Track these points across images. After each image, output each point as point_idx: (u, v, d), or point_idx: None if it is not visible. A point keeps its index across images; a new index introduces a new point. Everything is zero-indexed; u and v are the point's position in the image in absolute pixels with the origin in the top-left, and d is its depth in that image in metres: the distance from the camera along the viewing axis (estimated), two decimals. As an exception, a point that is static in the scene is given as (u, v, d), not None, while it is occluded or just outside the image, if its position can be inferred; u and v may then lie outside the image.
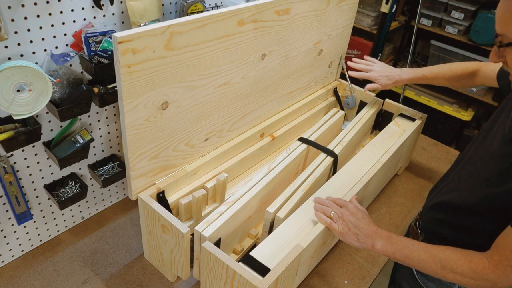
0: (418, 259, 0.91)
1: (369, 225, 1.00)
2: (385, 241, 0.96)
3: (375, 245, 0.96)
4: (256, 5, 1.13)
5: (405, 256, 0.93)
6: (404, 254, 0.93)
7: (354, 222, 1.00)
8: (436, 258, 0.89)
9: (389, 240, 0.96)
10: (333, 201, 1.07)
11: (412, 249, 0.92)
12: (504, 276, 0.80)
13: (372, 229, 0.99)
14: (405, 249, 0.93)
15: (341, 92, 1.83)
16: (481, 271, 0.83)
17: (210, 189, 1.20)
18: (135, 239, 1.28)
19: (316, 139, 1.42)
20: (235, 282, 0.92)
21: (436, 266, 0.88)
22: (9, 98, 0.91)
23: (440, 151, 1.82)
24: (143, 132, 1.01)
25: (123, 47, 0.85)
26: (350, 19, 1.66)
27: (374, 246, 0.96)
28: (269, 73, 1.35)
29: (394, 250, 0.94)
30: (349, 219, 1.01)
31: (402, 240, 0.95)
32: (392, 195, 1.53)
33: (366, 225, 1.00)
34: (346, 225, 1.00)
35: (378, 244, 0.96)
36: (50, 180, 1.18)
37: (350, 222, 1.00)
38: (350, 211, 1.03)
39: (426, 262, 0.90)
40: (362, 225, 1.00)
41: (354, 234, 0.99)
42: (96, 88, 1.05)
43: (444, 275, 0.88)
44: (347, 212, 1.03)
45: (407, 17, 3.16)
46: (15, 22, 0.92)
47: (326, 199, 1.09)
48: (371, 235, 0.98)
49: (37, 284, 1.12)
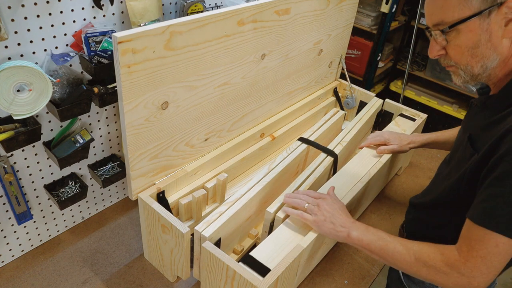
0: (393, 250, 0.89)
1: (347, 216, 0.99)
2: (361, 231, 0.95)
3: (351, 234, 0.95)
4: (256, 5, 1.13)
5: (380, 247, 0.91)
6: (379, 245, 0.91)
7: (330, 211, 0.99)
8: (410, 250, 0.87)
9: (365, 230, 0.95)
10: (307, 194, 1.06)
11: (388, 241, 0.91)
12: (476, 270, 0.78)
13: (349, 220, 0.98)
14: (380, 240, 0.92)
15: (341, 92, 1.83)
16: (452, 264, 0.81)
17: (210, 189, 1.20)
18: (135, 239, 1.28)
19: (316, 139, 1.42)
20: (235, 282, 0.92)
21: (410, 258, 0.87)
22: (9, 98, 0.91)
23: (440, 151, 1.81)
24: (143, 132, 1.01)
25: (123, 47, 0.85)
26: (350, 19, 1.66)
27: (350, 234, 0.95)
28: (269, 73, 1.35)
29: (370, 240, 0.93)
30: (325, 208, 1.00)
31: (379, 232, 0.94)
32: (392, 195, 1.53)
33: (343, 215, 0.99)
34: (322, 214, 0.99)
35: (354, 233, 0.94)
36: (50, 180, 1.18)
37: (326, 211, 0.99)
38: (327, 202, 1.02)
39: (400, 254, 0.88)
40: (338, 215, 0.99)
41: (330, 223, 0.97)
42: (96, 88, 1.05)
43: (418, 270, 0.86)
44: (324, 202, 1.01)
45: (407, 17, 3.16)
46: (15, 22, 0.92)
47: (300, 193, 1.08)
48: (347, 225, 0.96)
49: (37, 284, 1.12)
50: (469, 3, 0.77)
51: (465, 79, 0.86)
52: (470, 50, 0.81)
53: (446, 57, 0.87)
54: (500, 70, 0.84)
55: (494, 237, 0.76)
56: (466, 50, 0.82)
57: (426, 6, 0.85)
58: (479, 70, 0.83)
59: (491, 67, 0.83)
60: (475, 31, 0.79)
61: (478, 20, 0.77)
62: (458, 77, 0.88)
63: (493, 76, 0.85)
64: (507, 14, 0.76)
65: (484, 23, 0.78)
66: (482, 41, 0.79)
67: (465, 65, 0.84)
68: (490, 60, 0.82)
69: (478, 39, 0.79)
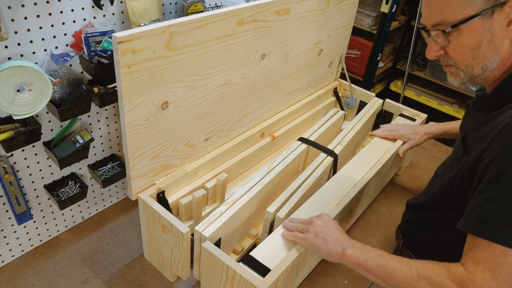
0: (392, 267, 0.82)
1: (342, 234, 0.93)
2: (357, 248, 0.88)
3: (346, 251, 0.88)
4: (256, 5, 1.13)
5: (378, 264, 0.83)
6: (378, 262, 0.84)
7: (323, 227, 0.94)
8: (412, 267, 0.80)
9: (362, 248, 0.88)
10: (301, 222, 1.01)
11: (387, 258, 0.84)
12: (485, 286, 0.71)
13: (344, 237, 0.92)
14: (379, 257, 0.85)
15: (341, 92, 1.83)
16: (460, 280, 0.74)
17: (210, 189, 1.20)
18: (135, 239, 1.28)
19: (316, 139, 1.42)
20: (235, 282, 0.92)
21: (412, 275, 0.79)
22: (9, 98, 0.91)
23: (440, 151, 1.81)
24: (143, 132, 1.01)
25: (123, 47, 0.85)
26: (350, 19, 1.66)
27: (345, 251, 0.88)
28: (269, 73, 1.35)
29: (367, 257, 0.85)
30: (318, 224, 0.95)
31: (377, 250, 0.87)
32: (392, 195, 1.53)
33: (337, 232, 0.93)
34: (314, 230, 0.94)
35: (349, 250, 0.87)
36: (50, 180, 1.18)
37: (319, 227, 0.94)
38: (321, 218, 0.97)
39: (401, 271, 0.80)
40: (332, 232, 0.92)
41: (322, 240, 0.91)
42: (96, 88, 1.05)
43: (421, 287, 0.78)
44: (318, 219, 0.97)
45: (407, 17, 3.16)
46: (15, 22, 0.92)
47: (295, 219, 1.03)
48: (342, 242, 0.90)
49: (37, 284, 1.12)
50: (472, 2, 0.75)
51: (464, 79, 0.85)
52: (471, 51, 0.80)
53: (445, 57, 0.85)
54: (498, 71, 0.83)
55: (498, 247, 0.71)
56: (468, 51, 0.80)
57: (425, 6, 0.83)
58: (479, 72, 0.82)
59: (491, 68, 0.81)
60: (477, 31, 0.77)
61: (480, 20, 0.76)
62: (456, 77, 0.86)
63: (490, 78, 0.84)
64: (510, 14, 0.75)
65: (486, 23, 0.76)
66: (484, 41, 0.78)
67: (465, 66, 0.82)
68: (490, 61, 0.80)
69: (480, 40, 0.78)
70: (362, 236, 1.34)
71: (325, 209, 1.10)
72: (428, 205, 1.00)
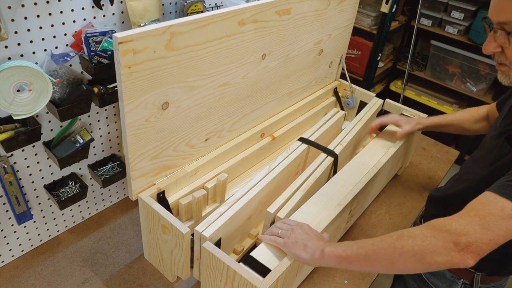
0: (371, 242, 0.81)
1: (321, 239, 0.93)
2: (335, 245, 0.88)
3: (324, 250, 0.88)
4: (257, 5, 1.13)
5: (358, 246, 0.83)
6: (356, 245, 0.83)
7: (304, 235, 0.93)
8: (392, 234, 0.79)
9: (340, 243, 0.88)
10: (283, 222, 1.01)
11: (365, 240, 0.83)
12: (469, 227, 0.70)
13: (324, 241, 0.92)
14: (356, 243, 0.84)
15: (341, 92, 1.83)
16: (441, 223, 0.73)
17: (210, 189, 1.20)
18: (135, 239, 1.28)
19: (316, 139, 1.42)
20: (235, 282, 0.92)
21: (392, 239, 0.78)
22: (9, 98, 0.91)
23: (440, 151, 1.82)
24: (144, 132, 1.00)
25: (124, 48, 0.85)
26: (350, 19, 1.66)
27: (323, 251, 0.88)
28: (269, 73, 1.35)
29: (345, 246, 0.85)
30: (299, 231, 0.94)
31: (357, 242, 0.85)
32: (392, 195, 1.53)
33: (317, 238, 0.93)
34: (294, 236, 0.93)
35: (327, 248, 0.87)
36: (50, 180, 1.18)
37: (299, 234, 0.94)
38: (302, 227, 0.96)
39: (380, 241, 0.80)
40: (313, 240, 0.92)
41: (302, 245, 0.91)
42: (96, 88, 1.05)
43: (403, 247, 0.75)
44: (299, 227, 0.96)
45: (407, 17, 3.16)
46: (15, 22, 0.92)
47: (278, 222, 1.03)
48: (320, 245, 0.90)
49: (37, 284, 1.12)
50: None
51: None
52: None
53: (501, 55, 0.85)
54: None
55: (502, 201, 0.71)
56: None
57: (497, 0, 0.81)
58: None
59: None
60: None
61: None
62: (506, 77, 0.86)
63: None
64: None
65: None
66: None
67: None
68: None
69: None
70: (362, 236, 1.34)
71: (325, 209, 1.10)
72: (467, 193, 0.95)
